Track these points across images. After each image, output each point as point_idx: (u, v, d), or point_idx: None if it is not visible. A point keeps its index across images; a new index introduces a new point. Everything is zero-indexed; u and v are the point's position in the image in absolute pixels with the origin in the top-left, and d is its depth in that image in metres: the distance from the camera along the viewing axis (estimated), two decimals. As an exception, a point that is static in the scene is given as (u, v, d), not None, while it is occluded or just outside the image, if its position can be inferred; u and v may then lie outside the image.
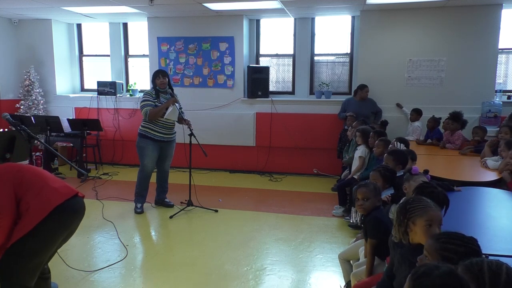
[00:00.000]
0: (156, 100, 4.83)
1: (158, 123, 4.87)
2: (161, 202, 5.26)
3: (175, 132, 5.12)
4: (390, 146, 4.41)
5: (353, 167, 4.92)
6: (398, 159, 3.52)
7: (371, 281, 2.41)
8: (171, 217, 4.79)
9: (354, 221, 4.44)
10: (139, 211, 5.00)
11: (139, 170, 5.03)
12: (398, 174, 3.30)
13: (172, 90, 5.05)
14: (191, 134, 4.94)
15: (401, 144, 4.34)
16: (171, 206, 5.21)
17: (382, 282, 2.13)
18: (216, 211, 5.05)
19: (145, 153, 4.92)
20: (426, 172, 3.05)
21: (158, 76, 4.84)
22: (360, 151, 4.82)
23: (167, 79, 4.90)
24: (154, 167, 5.07)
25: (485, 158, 4.34)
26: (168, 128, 4.97)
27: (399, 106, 6.50)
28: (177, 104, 4.91)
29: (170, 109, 4.82)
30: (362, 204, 2.67)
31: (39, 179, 2.43)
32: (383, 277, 2.15)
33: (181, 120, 5.00)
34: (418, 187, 2.35)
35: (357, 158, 4.85)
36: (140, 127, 4.95)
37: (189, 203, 5.09)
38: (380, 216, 2.63)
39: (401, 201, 2.17)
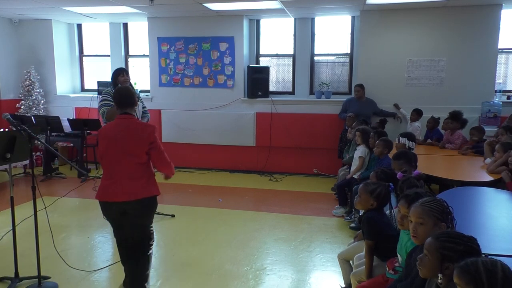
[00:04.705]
0: None
1: None
2: None
3: None
4: (395, 143, 4.39)
5: (353, 167, 4.92)
6: (410, 160, 3.42)
7: (370, 285, 2.42)
8: None
9: (356, 224, 4.42)
10: None
11: None
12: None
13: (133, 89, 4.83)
14: None
15: (404, 138, 4.30)
16: None
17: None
18: (173, 215, 4.89)
19: None
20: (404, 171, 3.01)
21: (121, 73, 4.56)
22: (360, 151, 4.82)
23: (129, 78, 4.66)
24: None
25: (487, 158, 4.34)
26: None
27: (396, 107, 6.50)
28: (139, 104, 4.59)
29: None
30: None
31: None
32: (393, 283, 2.15)
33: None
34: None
35: (357, 158, 4.85)
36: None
37: None
38: (374, 216, 2.62)
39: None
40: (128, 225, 2.88)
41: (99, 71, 8.19)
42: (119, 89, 3.13)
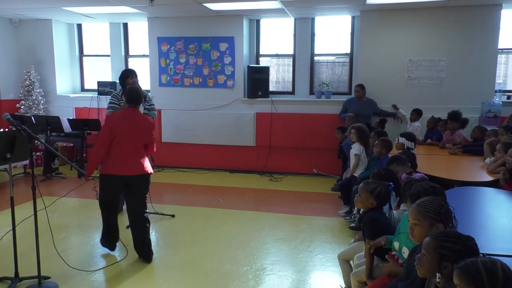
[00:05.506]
0: (122, 102, 4.44)
1: None
2: None
3: None
4: (395, 143, 4.39)
5: (350, 165, 4.92)
6: (402, 162, 3.43)
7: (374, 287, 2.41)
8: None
9: (356, 224, 4.41)
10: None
11: None
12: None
13: None
14: None
15: (403, 138, 4.29)
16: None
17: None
18: (173, 215, 4.91)
19: None
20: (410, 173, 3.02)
21: (130, 75, 4.48)
22: (355, 148, 4.80)
23: (137, 79, 4.61)
24: None
25: (487, 158, 4.34)
26: None
27: (395, 107, 6.50)
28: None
29: None
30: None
31: None
32: (393, 283, 2.15)
33: None
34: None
35: (352, 156, 4.85)
36: None
37: None
38: (376, 216, 2.61)
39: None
40: (133, 195, 3.58)
41: (99, 71, 8.19)
42: (129, 89, 3.73)
